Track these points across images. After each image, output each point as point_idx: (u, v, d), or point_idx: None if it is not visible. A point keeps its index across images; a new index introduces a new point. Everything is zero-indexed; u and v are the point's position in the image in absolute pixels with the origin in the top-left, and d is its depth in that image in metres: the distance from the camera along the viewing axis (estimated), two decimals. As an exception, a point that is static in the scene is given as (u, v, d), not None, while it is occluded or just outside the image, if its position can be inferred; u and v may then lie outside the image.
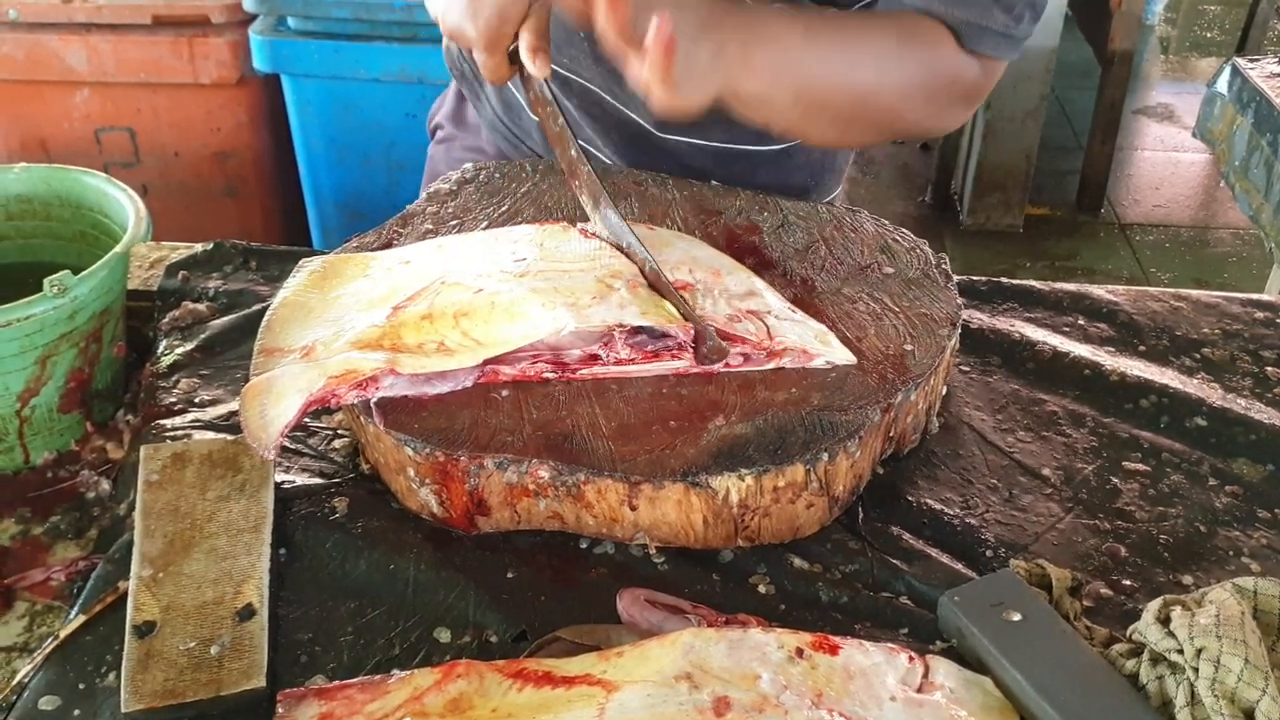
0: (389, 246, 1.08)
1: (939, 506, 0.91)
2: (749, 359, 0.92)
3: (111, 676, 0.76)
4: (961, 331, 1.02)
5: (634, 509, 0.84)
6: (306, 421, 0.96)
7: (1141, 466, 0.97)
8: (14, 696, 0.76)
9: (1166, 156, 4.24)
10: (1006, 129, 3.42)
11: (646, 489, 0.83)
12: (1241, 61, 2.14)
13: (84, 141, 2.54)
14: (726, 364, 0.92)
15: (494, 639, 0.79)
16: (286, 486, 0.90)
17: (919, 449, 0.97)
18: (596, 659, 0.74)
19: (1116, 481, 0.95)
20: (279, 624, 0.80)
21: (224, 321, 1.09)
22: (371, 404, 0.88)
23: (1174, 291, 1.20)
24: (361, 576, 0.84)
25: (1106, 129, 3.67)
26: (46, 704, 0.75)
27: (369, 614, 0.81)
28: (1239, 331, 1.14)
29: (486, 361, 0.90)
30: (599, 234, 1.02)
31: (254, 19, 2.41)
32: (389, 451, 0.88)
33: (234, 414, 0.94)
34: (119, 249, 1.03)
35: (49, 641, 0.79)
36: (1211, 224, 3.84)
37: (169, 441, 0.94)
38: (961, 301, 1.02)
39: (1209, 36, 5.39)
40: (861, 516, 0.90)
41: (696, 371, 0.92)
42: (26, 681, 0.77)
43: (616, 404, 0.89)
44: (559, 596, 0.82)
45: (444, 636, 0.80)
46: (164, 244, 1.23)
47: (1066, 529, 0.90)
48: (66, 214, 1.16)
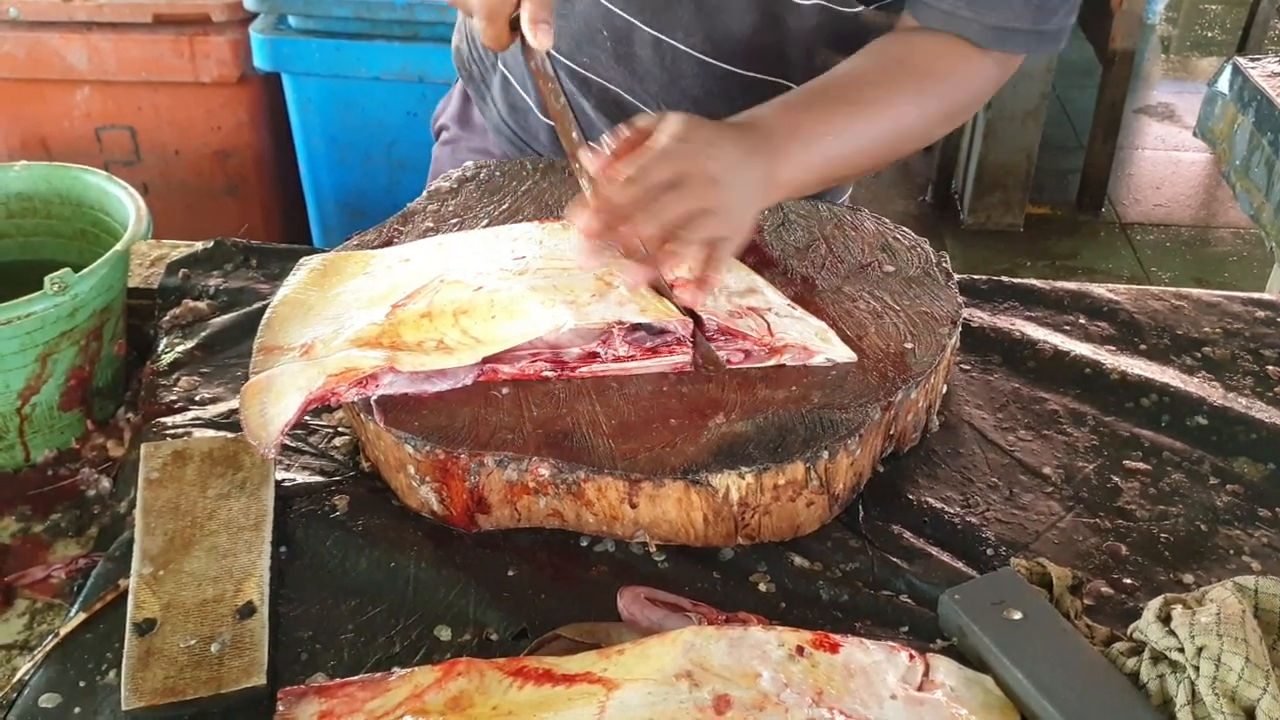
0: (389, 244, 1.08)
1: (939, 505, 0.91)
2: (750, 355, 0.92)
3: (112, 674, 0.76)
4: (962, 330, 1.02)
5: (634, 507, 0.84)
6: (307, 419, 0.96)
7: (1142, 465, 0.97)
8: (14, 694, 0.76)
9: (1167, 156, 4.24)
10: (1007, 128, 3.42)
11: (647, 487, 0.83)
12: (1242, 61, 2.14)
13: (85, 140, 2.54)
14: (728, 360, 0.92)
15: (494, 637, 0.79)
16: (287, 484, 0.90)
17: (919, 447, 0.97)
18: (597, 657, 0.74)
19: (1117, 480, 0.95)
20: (279, 622, 0.80)
21: (224, 319, 1.10)
22: (371, 402, 0.88)
23: (1175, 290, 1.20)
24: (362, 574, 0.84)
25: (1107, 128, 3.66)
26: (47, 701, 0.75)
27: (369, 612, 0.81)
28: (1240, 330, 1.14)
29: (486, 359, 0.90)
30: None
31: (255, 17, 2.40)
32: (389, 449, 0.88)
33: (234, 412, 0.94)
34: (119, 247, 1.03)
35: (49, 639, 0.79)
36: (1212, 223, 3.84)
37: (169, 439, 0.94)
38: (962, 300, 1.02)
39: (1210, 36, 5.39)
40: (862, 515, 0.90)
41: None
42: (27, 679, 0.77)
43: (617, 402, 0.89)
44: (559, 594, 0.82)
45: (444, 634, 0.80)
46: (164, 242, 1.23)
47: (1067, 527, 0.90)
48: (67, 212, 1.15)
